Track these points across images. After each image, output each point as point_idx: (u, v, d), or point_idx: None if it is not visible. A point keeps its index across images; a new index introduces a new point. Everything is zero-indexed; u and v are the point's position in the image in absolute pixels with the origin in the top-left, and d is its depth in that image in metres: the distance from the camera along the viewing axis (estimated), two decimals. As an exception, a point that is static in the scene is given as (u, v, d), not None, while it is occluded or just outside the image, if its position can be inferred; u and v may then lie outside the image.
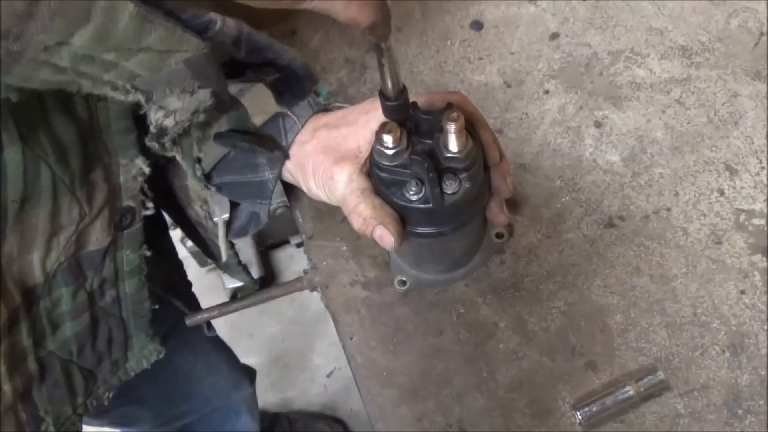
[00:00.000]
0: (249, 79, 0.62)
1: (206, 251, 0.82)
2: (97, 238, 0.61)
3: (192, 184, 0.68)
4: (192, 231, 0.79)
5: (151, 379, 0.98)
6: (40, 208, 0.54)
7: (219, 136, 0.60)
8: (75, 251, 0.60)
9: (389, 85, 0.53)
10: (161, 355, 0.76)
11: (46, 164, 0.53)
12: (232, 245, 0.75)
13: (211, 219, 0.71)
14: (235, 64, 0.60)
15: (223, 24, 0.52)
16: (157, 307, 0.73)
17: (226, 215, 0.75)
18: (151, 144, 0.54)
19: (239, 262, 0.78)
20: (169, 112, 0.50)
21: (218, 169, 0.68)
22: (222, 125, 0.60)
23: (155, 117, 0.50)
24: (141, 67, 0.44)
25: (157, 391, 1.04)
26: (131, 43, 0.42)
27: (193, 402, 1.16)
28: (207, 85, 0.49)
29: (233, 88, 0.68)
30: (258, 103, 0.66)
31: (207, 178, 0.68)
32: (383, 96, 0.54)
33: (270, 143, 0.64)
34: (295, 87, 0.65)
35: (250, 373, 1.32)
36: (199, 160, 0.66)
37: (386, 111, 0.55)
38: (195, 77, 0.48)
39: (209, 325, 0.86)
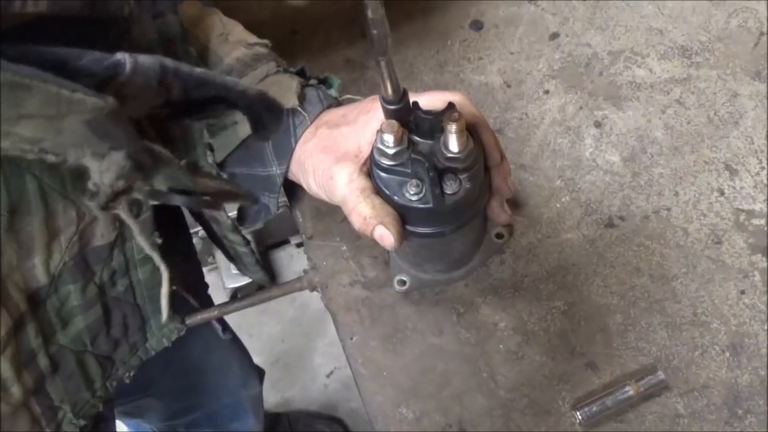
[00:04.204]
0: (201, 118, 0.56)
1: (224, 250, 0.81)
2: (102, 233, 0.59)
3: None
4: (208, 229, 0.78)
5: (168, 370, 0.97)
6: (31, 216, 0.53)
7: (154, 195, 0.53)
8: (80, 249, 0.59)
9: (390, 91, 0.53)
10: (182, 333, 0.74)
11: (31, 174, 0.51)
12: (247, 242, 0.74)
13: (225, 211, 0.70)
14: (183, 103, 0.52)
15: (136, 64, 0.44)
16: (174, 288, 0.70)
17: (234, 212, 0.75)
18: (90, 204, 0.48)
19: (257, 260, 0.76)
20: (94, 173, 0.45)
21: (229, 161, 0.68)
22: (159, 183, 0.52)
23: (92, 177, 0.45)
24: (36, 132, 0.40)
25: (170, 382, 1.04)
26: (6, 111, 0.38)
27: (202, 396, 1.16)
28: (119, 147, 0.44)
29: (243, 82, 0.67)
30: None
31: (219, 166, 0.67)
32: (384, 100, 0.54)
33: (225, 197, 0.57)
34: (263, 120, 0.58)
35: (259, 372, 1.32)
36: (210, 147, 0.66)
37: (387, 114, 0.55)
38: (102, 139, 0.43)
39: (224, 328, 0.85)
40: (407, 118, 0.56)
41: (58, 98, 0.39)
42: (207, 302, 1.01)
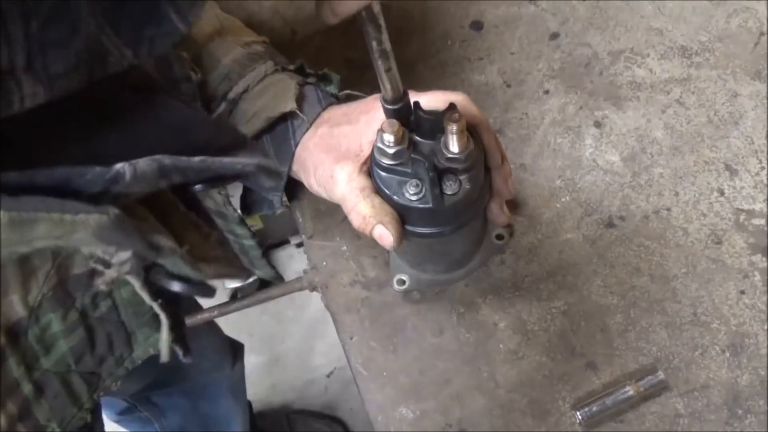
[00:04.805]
0: (207, 188, 0.59)
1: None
2: (82, 262, 0.58)
3: None
4: (212, 226, 0.78)
5: (154, 361, 0.97)
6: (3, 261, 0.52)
7: (155, 280, 0.58)
8: (59, 280, 0.57)
9: (389, 91, 0.53)
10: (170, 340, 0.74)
11: None
12: (253, 234, 0.74)
13: (231, 204, 0.69)
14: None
15: (135, 172, 0.46)
16: (160, 301, 0.71)
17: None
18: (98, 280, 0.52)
19: (263, 254, 0.76)
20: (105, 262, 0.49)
21: None
22: (159, 267, 0.58)
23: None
24: (48, 244, 0.43)
25: (151, 369, 1.03)
26: (16, 242, 0.41)
27: (177, 375, 1.14)
28: (124, 249, 0.48)
29: (241, 85, 0.67)
30: (273, 102, 0.66)
31: None
32: (384, 100, 0.54)
33: (224, 277, 0.62)
34: (263, 183, 0.61)
35: (234, 351, 1.27)
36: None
37: (387, 114, 0.55)
38: (108, 244, 0.47)
39: (186, 352, 0.83)
40: (408, 118, 0.56)
41: (63, 223, 0.42)
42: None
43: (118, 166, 0.45)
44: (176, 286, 0.57)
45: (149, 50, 0.49)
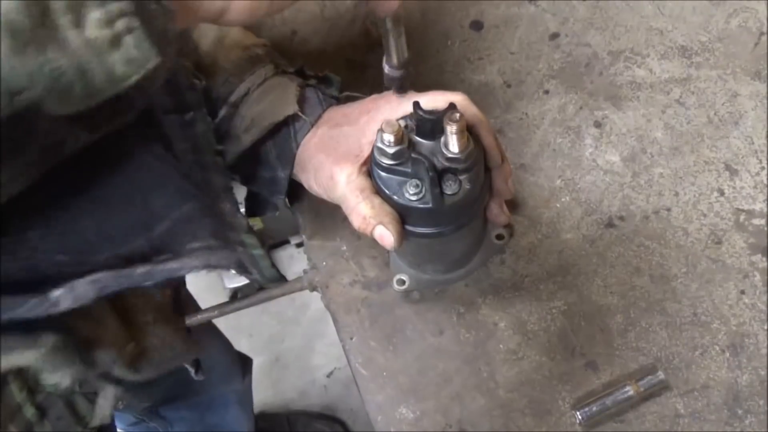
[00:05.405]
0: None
1: (237, 264, 0.80)
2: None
3: (215, 177, 0.66)
4: None
5: (165, 378, 0.97)
6: None
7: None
8: None
9: (394, 56, 0.53)
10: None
11: None
12: (262, 243, 0.73)
13: (240, 212, 0.69)
14: None
15: (73, 296, 0.50)
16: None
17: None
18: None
19: (272, 263, 0.75)
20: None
21: (235, 164, 0.67)
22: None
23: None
24: None
25: (161, 385, 1.03)
26: None
27: (186, 388, 1.15)
28: (65, 376, 0.54)
29: (242, 88, 0.67)
30: (274, 106, 0.66)
31: (230, 168, 0.67)
32: (386, 64, 0.54)
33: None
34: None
35: (243, 365, 1.29)
36: (219, 153, 0.65)
37: (387, 81, 0.55)
38: (51, 372, 0.53)
39: (197, 369, 0.83)
40: (407, 88, 0.56)
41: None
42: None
43: (56, 293, 0.47)
44: (111, 390, 0.62)
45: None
